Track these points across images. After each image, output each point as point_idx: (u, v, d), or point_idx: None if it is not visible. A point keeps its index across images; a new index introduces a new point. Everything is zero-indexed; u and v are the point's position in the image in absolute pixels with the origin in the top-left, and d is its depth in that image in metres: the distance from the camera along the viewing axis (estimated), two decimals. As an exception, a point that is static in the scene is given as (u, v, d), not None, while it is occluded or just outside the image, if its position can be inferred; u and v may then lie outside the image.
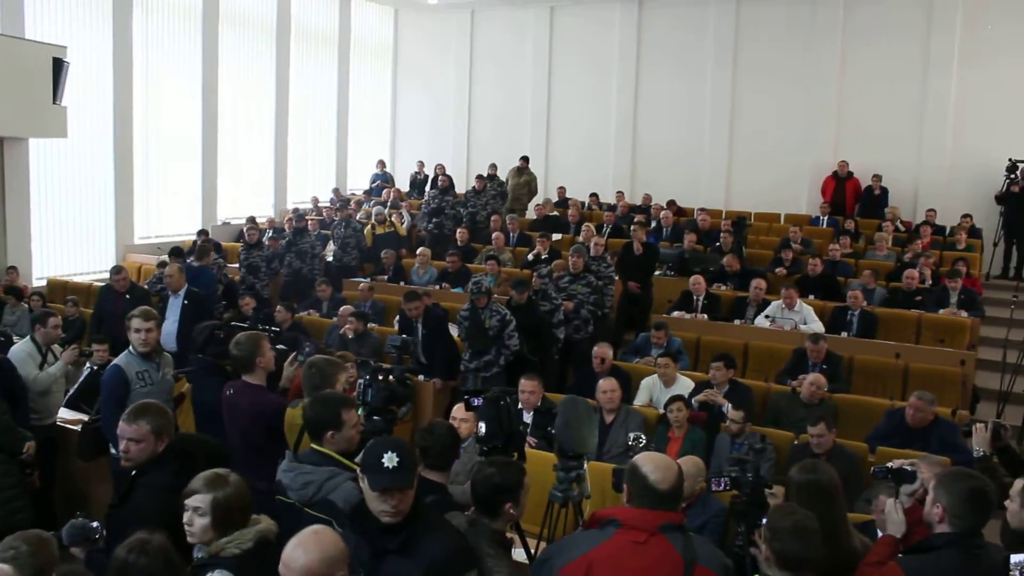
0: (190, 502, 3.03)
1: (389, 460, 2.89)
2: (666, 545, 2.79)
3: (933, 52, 14.51)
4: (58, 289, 11.75)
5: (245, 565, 2.94)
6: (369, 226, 12.91)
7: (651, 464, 2.91)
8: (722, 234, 12.02)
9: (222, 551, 2.97)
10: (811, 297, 10.04)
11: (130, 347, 5.31)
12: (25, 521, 5.15)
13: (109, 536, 3.51)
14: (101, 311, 8.99)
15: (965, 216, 13.20)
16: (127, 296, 8.76)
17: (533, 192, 15.41)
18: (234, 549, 2.97)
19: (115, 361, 5.34)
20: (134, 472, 3.71)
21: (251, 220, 13.22)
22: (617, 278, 10.13)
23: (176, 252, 10.44)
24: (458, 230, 12.75)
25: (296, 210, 15.12)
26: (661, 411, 6.72)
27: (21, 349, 6.56)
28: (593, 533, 2.90)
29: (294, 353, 5.11)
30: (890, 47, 14.83)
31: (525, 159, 15.46)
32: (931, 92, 14.59)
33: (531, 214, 14.99)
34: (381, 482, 2.88)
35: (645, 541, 2.79)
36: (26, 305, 10.19)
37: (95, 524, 3.56)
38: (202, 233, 12.77)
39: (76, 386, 7.03)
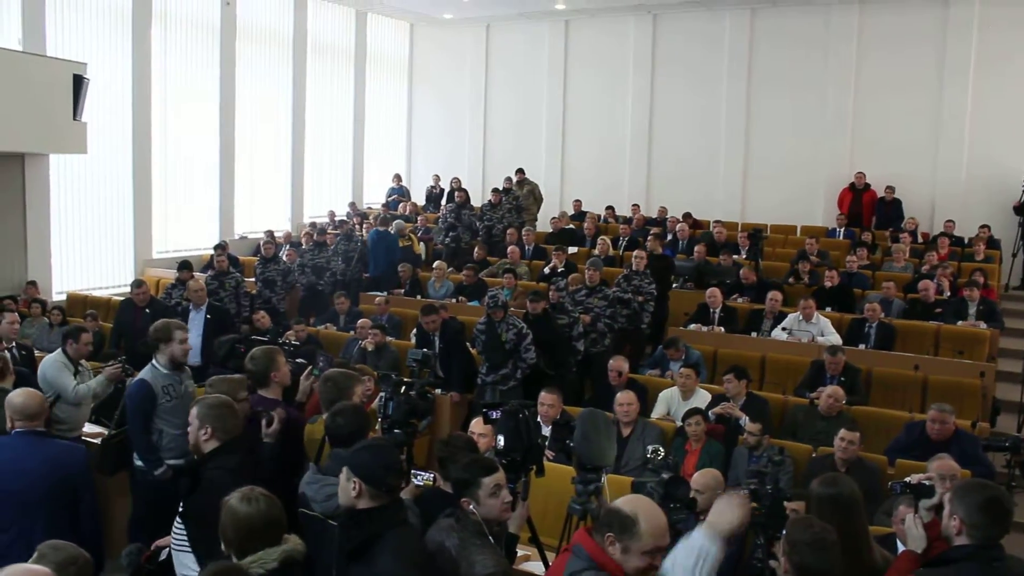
0: None
1: None
2: (565, 561, 2.93)
3: (948, 61, 14.45)
4: (77, 303, 11.85)
5: None
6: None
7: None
8: (740, 243, 12.03)
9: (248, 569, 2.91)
10: (828, 309, 10.00)
11: (153, 361, 5.25)
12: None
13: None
14: (121, 325, 9.06)
15: (983, 227, 13.12)
16: (147, 310, 8.80)
17: (538, 199, 15.48)
18: (258, 569, 2.90)
19: (140, 375, 5.27)
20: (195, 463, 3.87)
21: (269, 234, 13.26)
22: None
23: (186, 266, 10.44)
24: (476, 246, 12.74)
25: (314, 224, 15.13)
26: (679, 424, 6.72)
27: (55, 360, 6.44)
28: None
29: (309, 367, 5.13)
30: (905, 56, 14.79)
31: (520, 171, 15.60)
32: (947, 101, 14.52)
33: (545, 225, 15.03)
34: None
35: (566, 550, 3.01)
36: (46, 319, 10.29)
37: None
38: (219, 247, 12.81)
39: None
